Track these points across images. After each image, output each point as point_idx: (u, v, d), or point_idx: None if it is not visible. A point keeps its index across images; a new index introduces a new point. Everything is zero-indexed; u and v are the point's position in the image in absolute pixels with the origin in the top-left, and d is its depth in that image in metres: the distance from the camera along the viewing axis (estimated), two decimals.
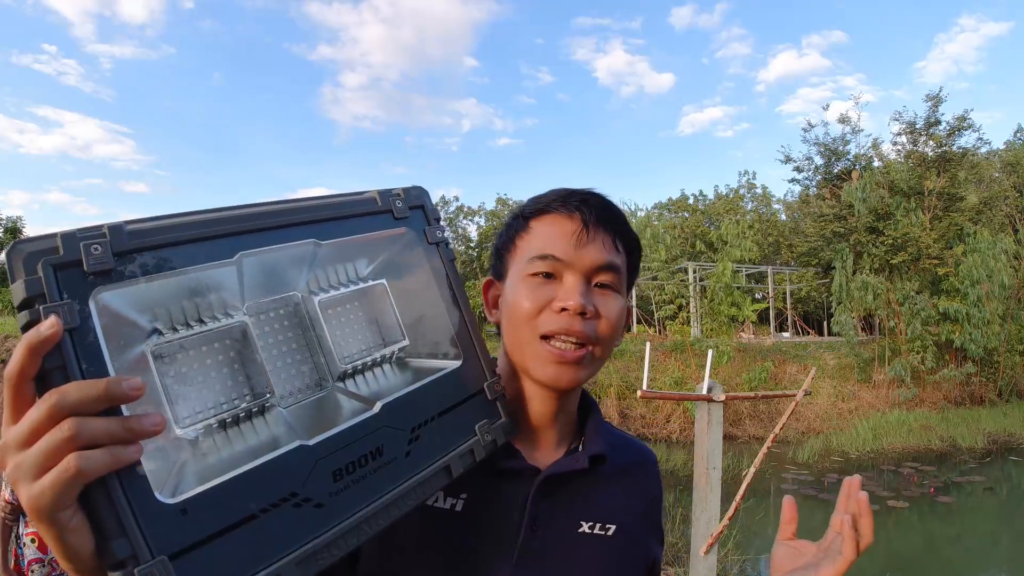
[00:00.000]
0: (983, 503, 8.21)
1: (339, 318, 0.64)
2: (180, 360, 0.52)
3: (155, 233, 0.51)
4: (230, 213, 0.57)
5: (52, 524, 0.43)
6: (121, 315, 0.49)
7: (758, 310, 16.33)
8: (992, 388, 14.66)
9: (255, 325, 0.57)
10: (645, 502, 0.84)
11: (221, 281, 0.55)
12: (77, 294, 0.46)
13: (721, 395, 5.52)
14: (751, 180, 32.94)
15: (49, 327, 0.43)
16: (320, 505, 0.54)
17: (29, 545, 2.80)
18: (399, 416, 0.62)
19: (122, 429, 0.44)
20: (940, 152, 17.17)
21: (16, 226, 29.02)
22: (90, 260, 0.47)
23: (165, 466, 0.48)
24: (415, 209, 0.70)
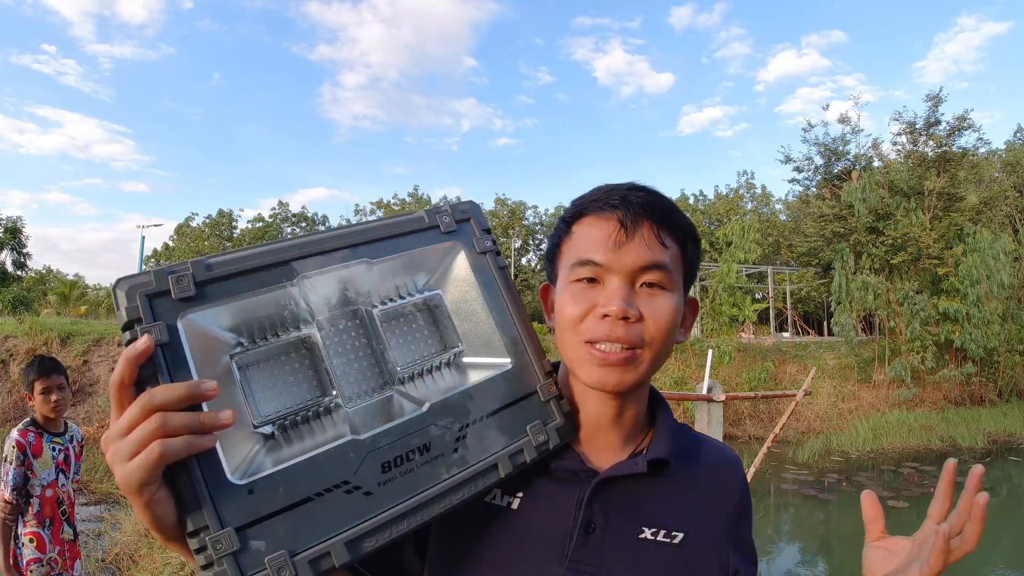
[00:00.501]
0: None
1: (399, 327, 0.72)
2: (259, 367, 0.63)
3: (228, 264, 0.62)
4: (291, 242, 0.66)
5: (139, 497, 0.53)
6: (206, 331, 0.60)
7: (758, 310, 16.34)
8: (992, 388, 14.66)
9: (323, 336, 0.66)
10: (723, 510, 0.78)
11: (290, 300, 0.65)
12: (167, 317, 0.58)
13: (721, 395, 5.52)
14: (750, 180, 33.00)
15: (143, 343, 0.54)
16: (369, 493, 0.61)
17: (28, 545, 2.80)
18: (447, 415, 0.67)
19: (198, 422, 0.53)
20: (940, 152, 17.17)
21: (16, 226, 29.00)
22: (177, 289, 0.59)
23: (240, 453, 0.58)
24: (463, 222, 0.76)
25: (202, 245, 30.78)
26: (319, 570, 0.57)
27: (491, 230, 0.78)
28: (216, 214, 31.54)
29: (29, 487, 2.79)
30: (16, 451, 2.76)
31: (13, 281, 27.76)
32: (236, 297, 0.62)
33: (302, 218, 32.34)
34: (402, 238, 0.72)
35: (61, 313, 18.92)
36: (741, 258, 13.34)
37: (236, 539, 0.54)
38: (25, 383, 2.92)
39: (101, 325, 13.35)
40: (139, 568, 4.91)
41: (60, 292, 25.34)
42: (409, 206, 31.59)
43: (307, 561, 0.56)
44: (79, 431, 3.12)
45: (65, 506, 2.90)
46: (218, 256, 0.63)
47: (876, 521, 0.69)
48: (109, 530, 6.20)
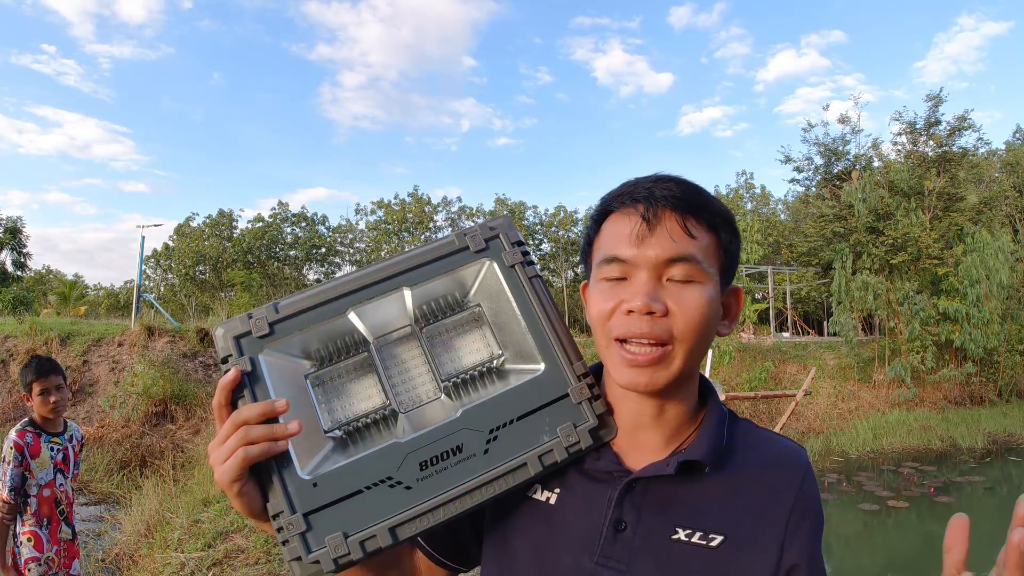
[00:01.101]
0: (983, 503, 8.20)
1: (444, 341, 0.82)
2: (331, 383, 0.78)
3: (293, 305, 0.78)
4: (341, 280, 0.80)
5: (231, 489, 0.69)
6: (281, 359, 0.76)
7: (758, 310, 16.32)
8: (992, 388, 14.65)
9: (379, 355, 0.79)
10: (775, 512, 0.71)
11: (348, 327, 0.78)
12: (251, 350, 0.75)
13: (721, 395, 5.52)
14: (750, 180, 33.00)
15: (231, 374, 0.72)
16: (408, 487, 0.71)
17: (26, 544, 2.79)
18: (479, 419, 0.75)
19: (271, 432, 0.69)
20: (940, 152, 17.16)
21: (16, 226, 28.98)
22: (255, 329, 0.76)
23: (315, 453, 0.73)
24: (492, 239, 0.82)
25: (202, 245, 30.75)
26: (367, 550, 0.69)
27: (523, 241, 0.84)
28: (216, 214, 31.54)
29: (27, 487, 2.79)
30: (14, 452, 2.76)
31: (13, 281, 27.75)
32: (303, 330, 0.76)
33: (302, 218, 32.32)
34: (437, 262, 0.81)
35: (61, 313, 18.91)
36: (741, 258, 13.31)
37: (303, 522, 0.69)
38: (23, 384, 2.91)
39: (101, 325, 13.34)
40: (139, 568, 4.91)
41: (60, 292, 25.34)
42: (409, 206, 31.57)
43: (358, 542, 0.69)
44: (79, 430, 3.12)
45: (63, 506, 2.90)
46: (285, 299, 0.78)
47: (953, 550, 0.54)
48: (109, 530, 6.20)
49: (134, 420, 10.08)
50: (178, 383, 10.74)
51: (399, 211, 31.54)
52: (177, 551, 4.80)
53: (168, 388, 10.45)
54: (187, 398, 10.66)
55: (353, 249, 32.73)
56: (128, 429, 9.93)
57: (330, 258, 32.45)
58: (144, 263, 24.55)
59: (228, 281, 28.33)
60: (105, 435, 9.65)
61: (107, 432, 9.75)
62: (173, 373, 10.92)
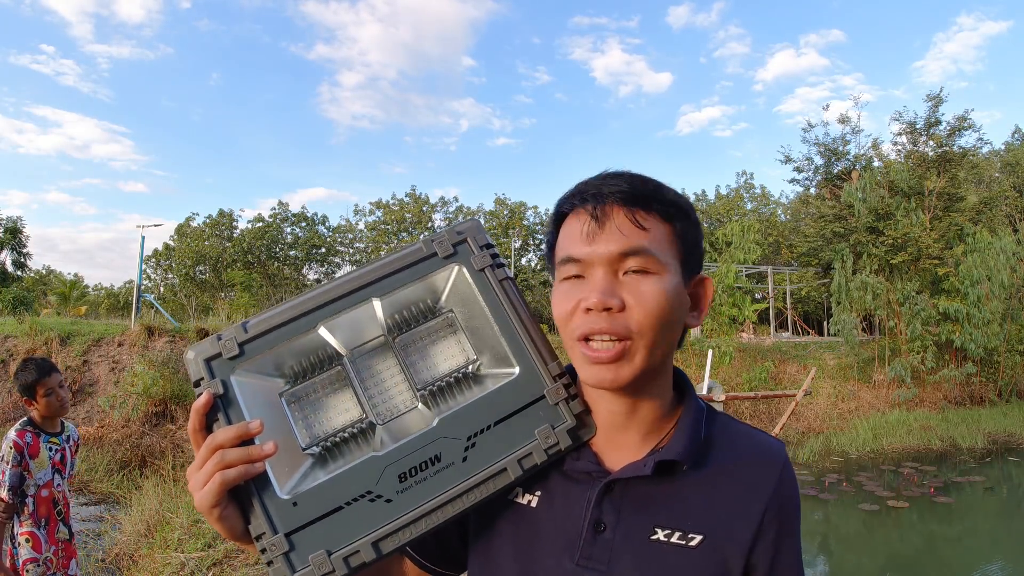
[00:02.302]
0: (983, 503, 8.20)
1: (417, 349, 0.81)
2: (305, 399, 0.77)
3: (261, 324, 0.76)
4: (309, 296, 0.78)
5: (211, 514, 0.68)
6: (254, 379, 0.75)
7: (758, 310, 16.32)
8: (992, 388, 14.65)
9: (353, 366, 0.78)
10: (751, 504, 0.72)
11: (319, 342, 0.77)
12: (223, 372, 0.74)
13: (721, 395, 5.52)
14: (749, 180, 32.99)
15: (203, 398, 0.72)
16: (389, 500, 0.71)
17: (24, 545, 2.79)
18: (455, 427, 0.74)
19: (247, 455, 0.69)
20: (940, 152, 17.16)
21: (16, 226, 28.99)
22: (225, 351, 0.74)
23: (294, 471, 0.72)
24: (460, 244, 0.81)
25: (202, 245, 30.73)
26: (351, 566, 0.69)
27: (492, 244, 0.82)
28: (216, 214, 31.53)
29: (25, 487, 2.79)
30: (13, 452, 2.76)
31: (13, 281, 27.75)
32: (273, 348, 0.75)
33: (302, 218, 32.29)
34: (406, 271, 0.80)
35: (61, 313, 18.91)
36: (741, 258, 13.32)
37: (286, 542, 0.69)
38: (21, 387, 2.89)
39: (101, 325, 13.34)
40: (139, 568, 4.91)
41: (60, 292, 25.34)
42: (408, 206, 31.57)
43: (342, 558, 0.69)
44: (76, 431, 3.13)
45: (61, 506, 2.90)
46: (254, 318, 0.77)
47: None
48: (109, 530, 6.19)
49: (134, 420, 10.08)
50: (178, 383, 10.74)
51: (398, 211, 31.54)
52: (177, 551, 4.80)
53: (168, 388, 10.45)
54: (187, 398, 10.65)
55: (353, 249, 32.69)
56: (128, 429, 9.93)
57: (330, 258, 32.41)
58: (144, 263, 24.56)
59: (228, 281, 28.33)
60: (105, 435, 9.65)
61: (107, 432, 9.75)
62: (173, 373, 10.92)
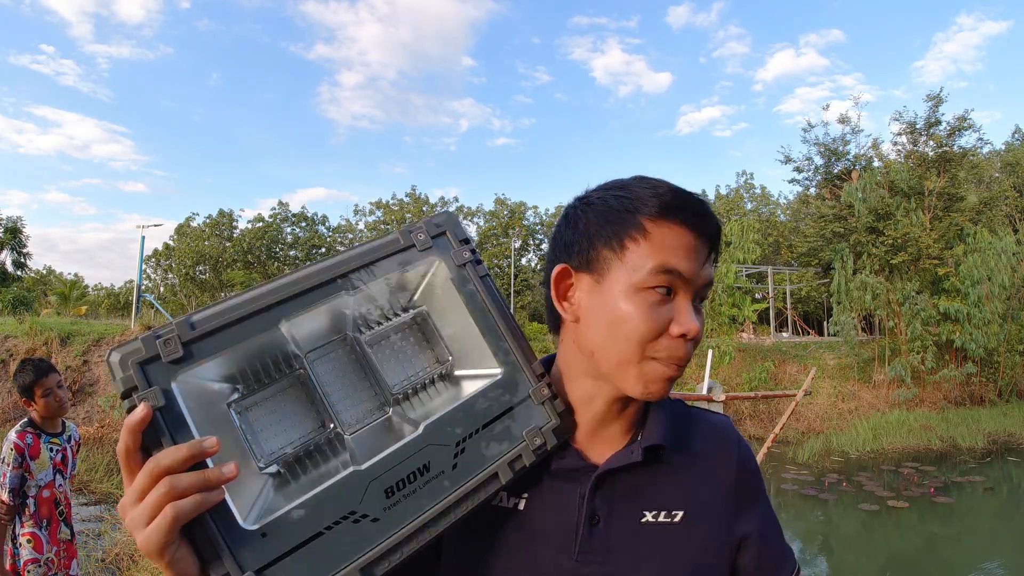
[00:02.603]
0: (983, 503, 8.20)
1: (388, 349, 0.73)
2: (258, 410, 0.65)
3: (211, 320, 0.63)
4: (269, 288, 0.67)
5: (162, 558, 0.54)
6: (201, 387, 0.61)
7: (758, 310, 16.32)
8: (992, 388, 14.65)
9: (315, 369, 0.68)
10: (723, 481, 0.78)
11: (278, 342, 0.66)
12: (162, 380, 0.59)
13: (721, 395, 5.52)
14: (749, 180, 32.99)
15: (140, 412, 0.56)
16: (376, 519, 0.62)
17: (25, 545, 2.79)
18: (443, 433, 0.68)
19: (204, 480, 0.55)
20: (940, 152, 17.16)
21: (16, 226, 28.99)
22: (165, 353, 0.60)
23: (251, 496, 0.60)
24: (438, 237, 0.76)
25: (202, 245, 30.72)
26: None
27: (470, 239, 0.78)
28: (216, 214, 31.52)
29: (26, 488, 2.79)
30: (14, 453, 2.75)
31: (13, 281, 27.75)
32: (224, 351, 0.62)
33: (302, 218, 32.29)
34: (380, 263, 0.72)
35: (61, 313, 18.91)
36: (740, 258, 13.33)
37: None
38: (20, 388, 2.90)
39: (101, 325, 13.34)
40: (139, 568, 4.91)
41: (60, 292, 25.33)
42: (408, 206, 31.56)
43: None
44: (77, 431, 3.12)
45: (62, 506, 2.90)
46: (200, 312, 0.63)
47: None
48: (109, 530, 6.19)
49: None
50: None
51: (398, 211, 31.55)
52: None
53: None
54: None
55: None
56: None
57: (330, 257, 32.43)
58: (144, 263, 24.56)
59: (228, 281, 28.32)
60: (105, 435, 9.65)
61: (107, 432, 9.75)
62: None
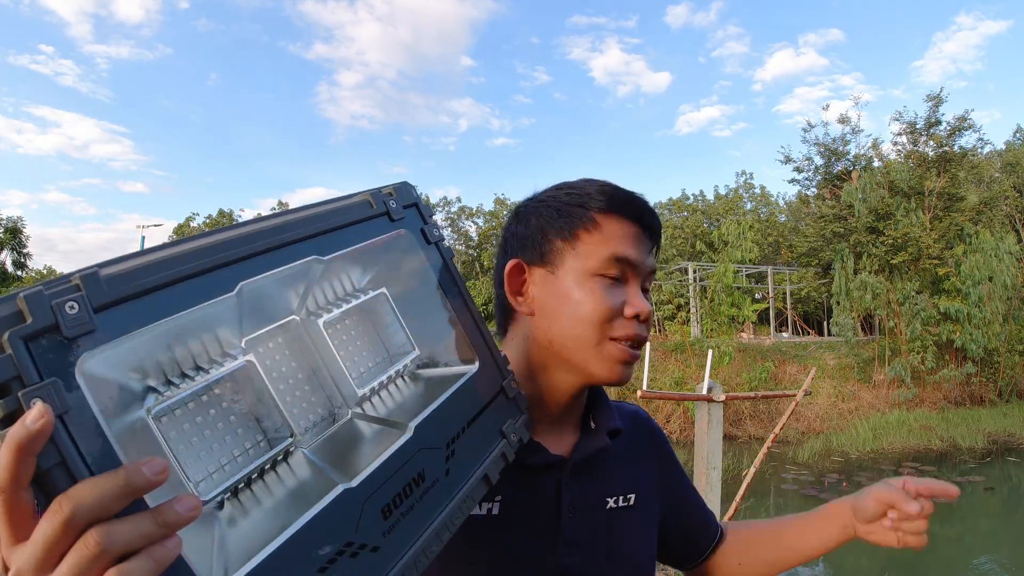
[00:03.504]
0: (983, 503, 8.21)
1: (342, 337, 0.60)
2: (184, 417, 0.46)
3: (139, 276, 0.41)
4: (220, 237, 0.47)
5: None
6: (109, 381, 0.41)
7: (758, 310, 16.33)
8: (992, 388, 14.65)
9: (258, 362, 0.51)
10: (651, 457, 0.89)
11: (216, 318, 0.47)
12: (60, 368, 0.36)
13: (721, 395, 5.52)
14: (749, 180, 32.98)
15: (37, 418, 0.33)
16: (376, 548, 0.50)
17: None
18: (432, 435, 0.57)
19: (155, 525, 0.36)
20: (940, 152, 17.16)
21: (16, 226, 29.01)
22: (67, 323, 0.37)
23: (204, 547, 0.42)
24: (409, 208, 0.64)
25: None
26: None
27: (433, 213, 0.68)
28: (216, 214, 31.52)
29: None
30: None
31: (13, 281, 27.77)
32: (154, 323, 0.41)
33: None
34: (351, 228, 0.57)
35: None
36: (738, 257, 13.34)
37: None
38: None
39: None
40: None
41: None
42: None
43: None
44: None
45: None
46: (116, 264, 0.41)
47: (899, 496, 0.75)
48: None
49: None
50: None
51: None
52: None
53: None
54: None
55: None
56: None
57: None
58: None
59: None
60: None
61: None
62: None
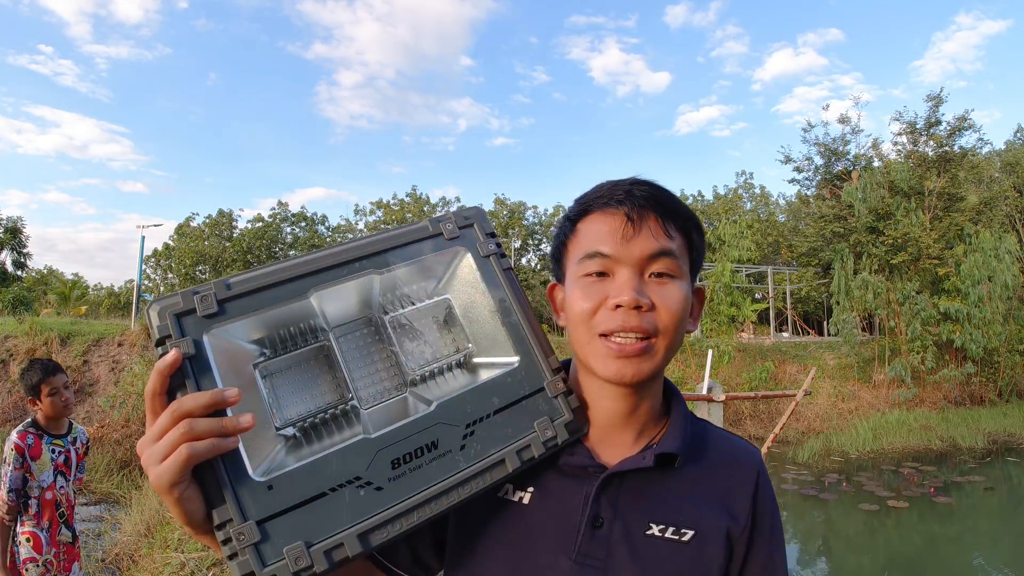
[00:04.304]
0: (983, 503, 8.20)
1: (410, 331, 0.77)
2: (282, 374, 0.69)
3: (246, 283, 0.68)
4: (303, 259, 0.71)
5: (170, 495, 0.58)
6: (230, 344, 0.66)
7: (758, 310, 16.33)
8: (992, 388, 14.65)
9: (339, 344, 0.71)
10: (738, 507, 0.76)
11: (306, 312, 0.70)
12: (194, 332, 0.64)
13: (721, 395, 5.51)
14: (749, 180, 32.97)
15: (171, 356, 0.61)
16: (379, 488, 0.64)
17: (24, 544, 2.79)
18: (454, 413, 0.69)
19: (221, 426, 0.58)
20: (940, 152, 17.16)
21: (16, 226, 28.99)
22: (201, 307, 0.65)
23: (264, 453, 0.63)
24: (466, 228, 0.79)
25: (202, 245, 30.72)
26: (333, 560, 0.60)
27: (495, 233, 0.80)
28: (216, 214, 31.52)
29: (28, 489, 2.79)
30: (14, 454, 2.76)
31: (13, 281, 27.75)
32: (256, 312, 0.67)
33: (302, 218, 32.27)
34: (408, 247, 0.75)
35: (61, 313, 18.91)
36: (736, 256, 13.33)
37: (257, 531, 0.59)
38: (27, 388, 2.88)
39: (101, 325, 13.34)
40: (139, 568, 4.91)
41: (60, 292, 25.33)
42: (408, 206, 31.56)
43: (322, 552, 0.60)
44: (84, 433, 3.11)
45: (63, 508, 2.89)
46: (237, 276, 0.69)
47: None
48: (109, 530, 6.20)
49: (134, 420, 10.08)
50: None
51: (398, 211, 31.53)
52: (177, 551, 4.80)
53: None
54: None
55: None
56: (128, 429, 9.92)
57: None
58: (144, 263, 24.55)
59: None
60: (105, 435, 9.65)
61: (107, 432, 9.75)
62: None
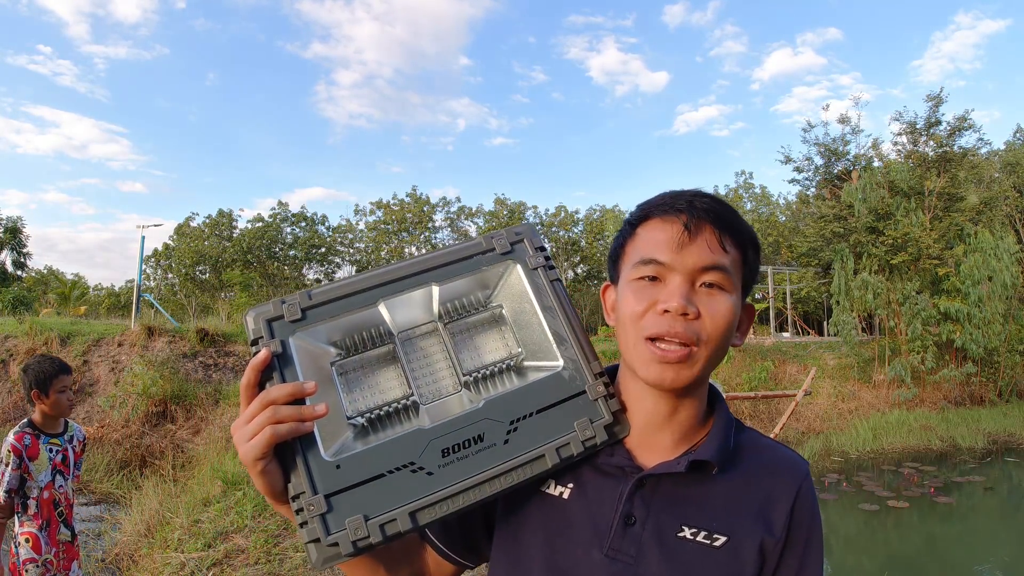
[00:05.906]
0: (983, 503, 8.20)
1: (467, 337, 0.86)
2: (355, 372, 0.82)
3: (325, 293, 0.81)
4: (372, 273, 0.83)
5: (254, 468, 0.70)
6: (311, 345, 0.79)
7: (758, 310, 16.30)
8: (992, 388, 14.64)
9: (403, 346, 0.83)
10: (775, 519, 0.75)
11: (375, 319, 0.82)
12: (282, 334, 0.77)
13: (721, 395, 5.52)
14: (748, 180, 32.95)
15: (262, 354, 0.74)
16: (430, 473, 0.73)
17: (24, 545, 2.79)
18: (500, 410, 0.78)
19: (299, 413, 0.71)
20: (940, 152, 17.15)
21: (16, 226, 28.99)
22: (288, 314, 0.78)
23: (336, 437, 0.75)
24: (517, 243, 0.87)
25: (202, 245, 30.70)
26: (386, 534, 0.70)
27: (545, 247, 0.89)
28: (216, 214, 31.51)
29: (26, 489, 2.79)
30: (11, 454, 2.75)
31: (13, 281, 27.74)
32: (332, 318, 0.79)
33: (301, 218, 32.23)
34: (464, 262, 0.85)
35: (61, 313, 18.90)
36: None
37: (324, 503, 0.70)
38: (36, 383, 2.83)
39: (101, 325, 13.34)
40: (139, 568, 4.91)
41: (60, 292, 25.32)
42: (408, 206, 31.54)
43: (378, 525, 0.70)
44: (82, 431, 3.11)
45: (62, 507, 2.89)
46: (318, 288, 0.81)
47: None
48: (109, 530, 6.19)
49: (134, 420, 10.08)
50: (178, 383, 10.74)
51: (398, 211, 31.51)
52: (177, 551, 4.80)
53: (168, 388, 10.45)
54: (187, 398, 10.65)
55: (353, 249, 32.67)
56: (128, 429, 9.93)
57: (330, 258, 32.39)
58: (144, 263, 24.55)
59: (228, 281, 28.30)
60: (105, 435, 9.65)
61: (107, 432, 9.75)
62: (173, 373, 10.92)
